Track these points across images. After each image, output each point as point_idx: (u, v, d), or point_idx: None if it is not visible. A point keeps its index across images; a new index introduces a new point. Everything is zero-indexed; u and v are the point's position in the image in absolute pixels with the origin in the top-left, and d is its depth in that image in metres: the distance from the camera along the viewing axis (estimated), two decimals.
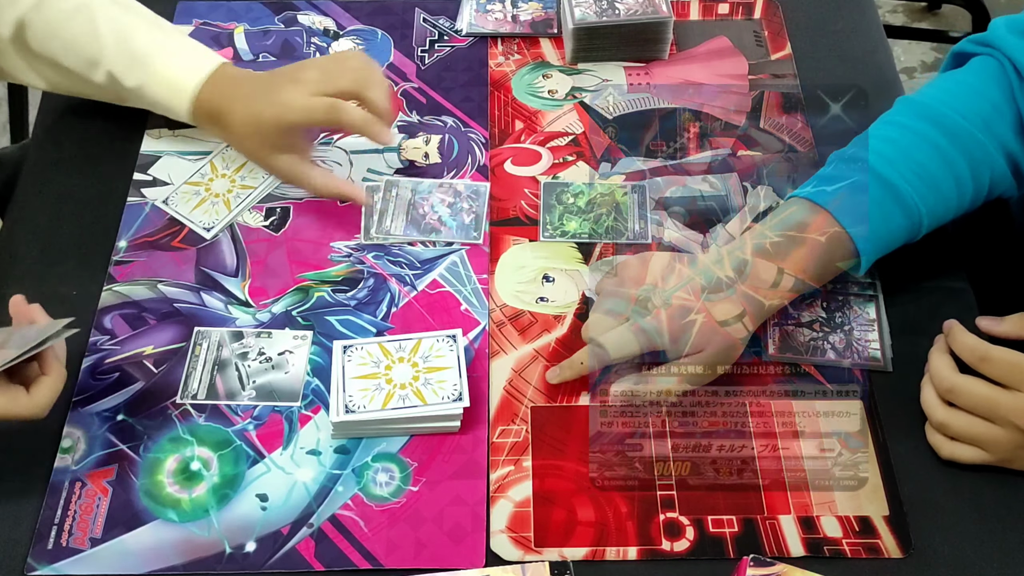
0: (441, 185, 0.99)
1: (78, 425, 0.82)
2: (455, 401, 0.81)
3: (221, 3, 1.16)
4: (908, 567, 0.76)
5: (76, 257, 0.93)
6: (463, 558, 0.76)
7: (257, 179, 0.99)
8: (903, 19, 2.37)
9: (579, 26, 1.08)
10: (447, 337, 0.85)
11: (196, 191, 0.98)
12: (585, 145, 1.03)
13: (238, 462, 0.81)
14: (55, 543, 0.76)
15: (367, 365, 0.83)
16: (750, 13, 1.16)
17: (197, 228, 0.95)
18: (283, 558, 0.76)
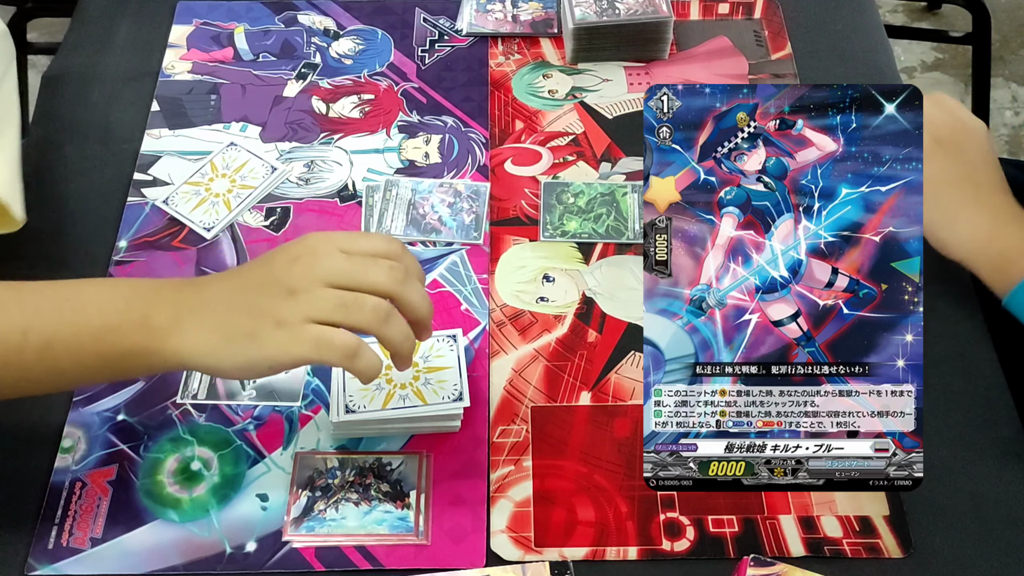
0: (441, 185, 0.99)
1: (78, 425, 0.82)
2: (455, 401, 0.81)
3: (221, 3, 1.16)
4: (908, 567, 0.76)
5: (76, 257, 0.93)
6: (463, 558, 0.76)
7: (257, 179, 0.99)
8: (903, 19, 2.37)
9: (579, 26, 1.08)
10: (447, 337, 0.85)
11: (196, 191, 0.98)
12: (585, 145, 1.03)
13: (238, 462, 0.81)
14: (55, 543, 0.76)
15: None
16: (750, 13, 1.16)
17: (197, 228, 0.95)
18: (283, 558, 0.76)
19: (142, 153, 1.01)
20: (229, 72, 1.09)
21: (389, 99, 1.07)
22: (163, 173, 1.00)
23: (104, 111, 1.03)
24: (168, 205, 0.97)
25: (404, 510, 0.78)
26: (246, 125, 1.04)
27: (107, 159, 1.01)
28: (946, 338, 0.88)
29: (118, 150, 1.02)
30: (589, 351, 0.88)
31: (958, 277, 0.92)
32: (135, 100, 1.06)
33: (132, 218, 0.96)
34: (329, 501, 0.78)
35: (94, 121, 1.04)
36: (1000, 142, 2.13)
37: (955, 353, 0.87)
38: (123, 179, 0.99)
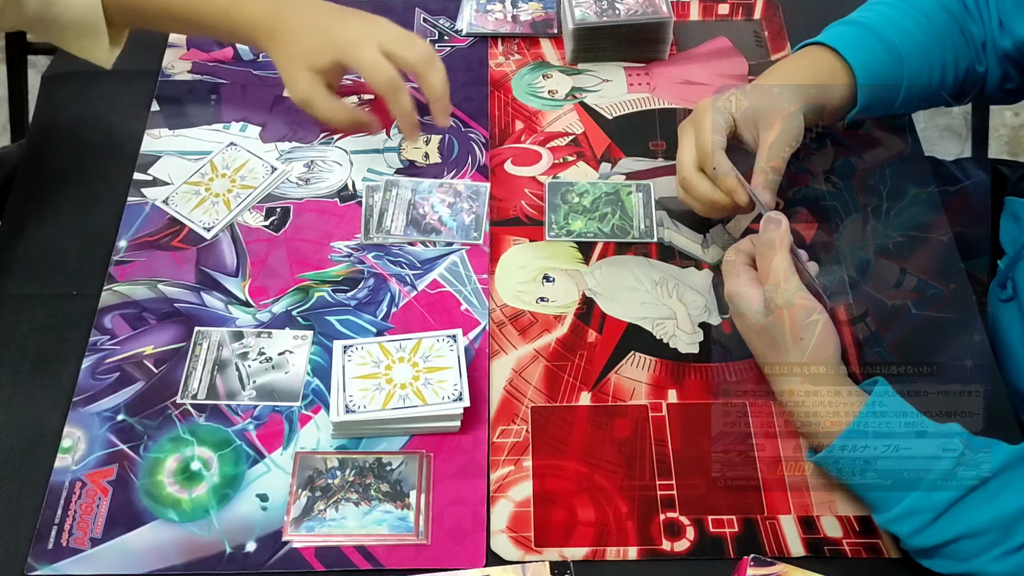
0: (441, 185, 0.99)
1: (78, 425, 0.82)
2: (455, 401, 0.81)
3: None
4: (908, 567, 0.76)
5: (76, 257, 0.93)
6: (463, 558, 0.76)
7: (257, 179, 0.99)
8: None
9: (579, 26, 1.08)
10: (447, 337, 0.85)
11: (196, 191, 0.98)
12: (585, 145, 1.03)
13: (238, 462, 0.81)
14: (55, 543, 0.76)
15: (367, 365, 0.83)
16: (750, 13, 1.16)
17: (197, 228, 0.95)
18: (283, 558, 0.76)
19: (142, 153, 1.01)
20: (229, 72, 1.09)
21: None
22: (163, 173, 1.00)
23: (104, 111, 1.03)
24: (168, 205, 0.97)
25: (404, 510, 0.78)
26: (246, 125, 1.04)
27: (107, 159, 1.01)
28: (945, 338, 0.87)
29: (118, 150, 1.02)
30: (589, 351, 0.88)
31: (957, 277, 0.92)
32: (135, 100, 1.06)
33: (132, 218, 0.96)
34: (329, 501, 0.78)
35: (94, 121, 1.04)
36: (1000, 142, 2.12)
37: (954, 353, 0.87)
38: (123, 179, 0.99)
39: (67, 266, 0.93)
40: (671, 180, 1.00)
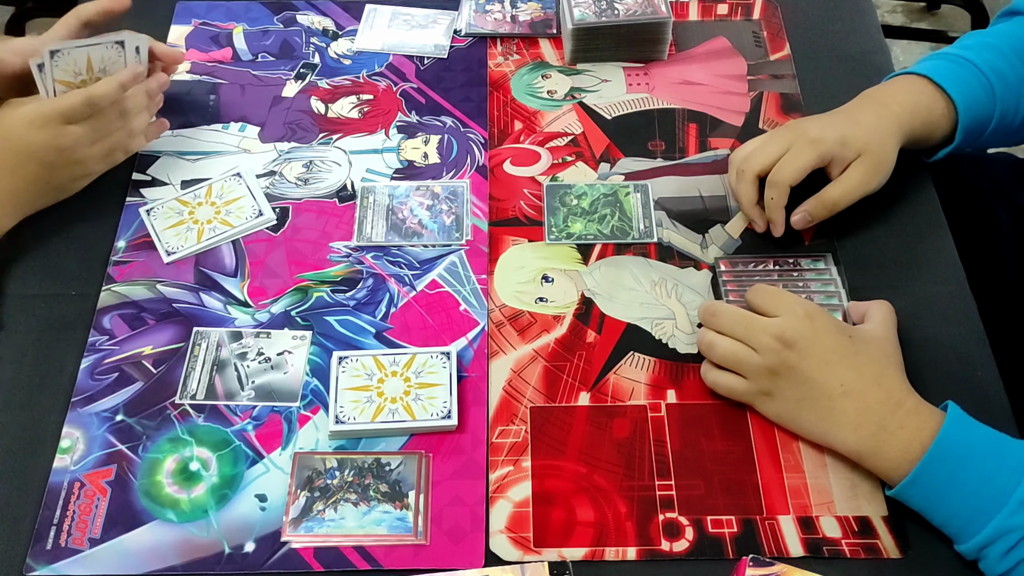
0: (418, 188, 0.98)
1: (77, 425, 0.82)
2: (444, 419, 0.81)
3: (220, 3, 1.16)
4: (906, 567, 0.76)
5: (76, 257, 0.93)
6: (462, 558, 0.76)
7: (240, 219, 0.96)
8: (902, 19, 2.37)
9: (578, 26, 1.08)
10: (441, 354, 0.85)
11: (179, 211, 0.96)
12: (584, 145, 1.03)
13: (237, 462, 0.81)
14: (54, 543, 0.76)
15: (360, 377, 0.83)
16: (749, 13, 1.16)
17: (160, 247, 0.93)
18: (282, 558, 0.76)
19: (142, 153, 1.01)
20: (228, 72, 1.09)
21: (388, 99, 1.07)
22: (162, 173, 1.00)
23: None
24: (149, 215, 0.96)
25: (403, 510, 0.78)
26: (245, 125, 1.04)
27: None
28: (944, 338, 0.88)
29: None
30: (588, 351, 0.88)
31: (957, 277, 0.92)
32: None
33: (131, 218, 0.96)
34: (328, 501, 0.78)
35: None
36: None
37: (953, 354, 0.87)
38: (122, 179, 0.99)
39: (66, 266, 0.93)
40: (670, 180, 1.00)
